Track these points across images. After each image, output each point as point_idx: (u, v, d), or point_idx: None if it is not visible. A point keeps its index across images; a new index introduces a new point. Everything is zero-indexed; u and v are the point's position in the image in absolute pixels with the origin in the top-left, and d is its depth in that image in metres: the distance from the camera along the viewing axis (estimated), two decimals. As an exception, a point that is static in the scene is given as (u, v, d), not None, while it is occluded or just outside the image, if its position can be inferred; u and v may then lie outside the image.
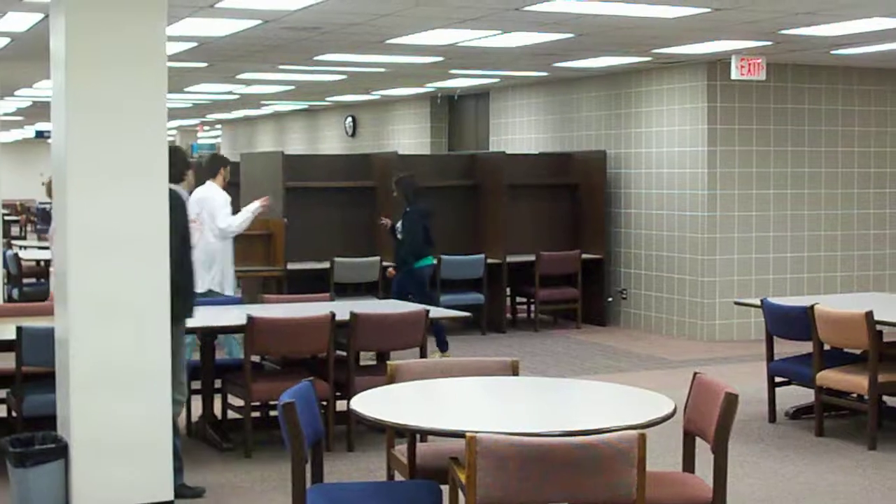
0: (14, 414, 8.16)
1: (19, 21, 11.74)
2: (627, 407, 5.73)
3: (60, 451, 6.85)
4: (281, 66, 16.28)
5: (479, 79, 17.73)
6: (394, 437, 6.36)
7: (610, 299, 15.97)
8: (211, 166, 11.55)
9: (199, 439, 8.98)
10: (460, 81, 18.22)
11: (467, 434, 4.57)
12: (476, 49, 13.50)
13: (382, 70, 16.60)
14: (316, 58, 14.82)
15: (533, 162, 16.49)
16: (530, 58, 14.45)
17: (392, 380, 6.19)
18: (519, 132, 18.42)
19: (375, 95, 21.69)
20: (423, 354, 8.81)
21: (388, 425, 5.55)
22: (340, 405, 8.73)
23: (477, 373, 6.37)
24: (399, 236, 12.82)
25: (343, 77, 17.92)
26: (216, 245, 11.14)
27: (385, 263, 13.91)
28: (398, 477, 6.25)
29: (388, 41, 12.91)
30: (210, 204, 11.11)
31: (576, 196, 16.17)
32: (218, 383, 9.06)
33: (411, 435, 5.93)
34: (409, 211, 12.77)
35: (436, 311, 9.31)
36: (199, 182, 11.00)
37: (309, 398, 5.60)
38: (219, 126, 34.40)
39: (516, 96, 18.52)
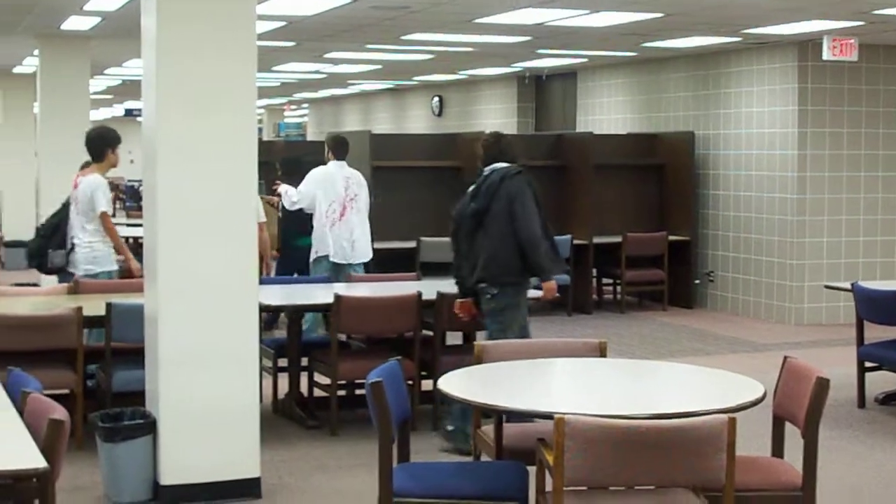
0: (103, 389, 8.25)
1: (110, 0, 11.84)
2: (716, 390, 5.68)
3: (149, 427, 6.92)
4: (368, 46, 16.29)
5: (567, 59, 17.63)
6: (480, 417, 6.35)
7: (697, 281, 15.84)
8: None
9: (286, 417, 9.02)
10: (547, 61, 18.13)
11: (556, 416, 4.55)
12: (564, 28, 13.43)
13: (470, 50, 16.56)
14: (403, 37, 14.81)
15: (620, 142, 16.40)
16: (618, 37, 14.35)
17: (479, 360, 6.17)
18: (606, 112, 18.32)
19: (462, 75, 21.64)
20: (509, 335, 8.78)
21: (476, 405, 5.54)
22: (426, 385, 8.73)
23: (564, 354, 6.35)
24: (280, 215, 12.69)
25: (430, 57, 17.89)
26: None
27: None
28: (484, 457, 6.24)
29: (476, 20, 12.87)
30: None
31: (663, 177, 16.06)
32: (305, 361, 9.09)
33: (498, 415, 5.92)
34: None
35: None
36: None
37: (396, 377, 5.61)
38: (305, 105, 34.51)
39: (603, 76, 18.41)
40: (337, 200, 11.30)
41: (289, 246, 12.55)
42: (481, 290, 8.07)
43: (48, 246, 10.14)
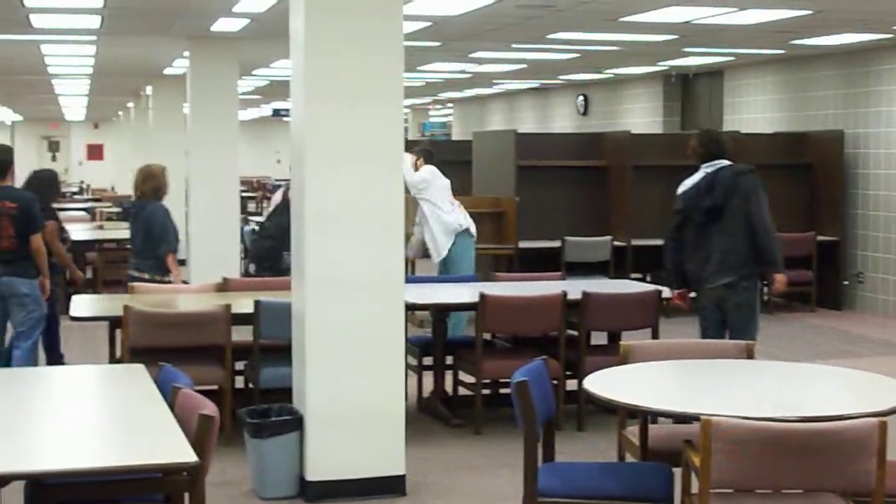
0: (251, 385, 8.36)
1: (259, 2, 11.98)
2: (866, 393, 5.58)
3: (295, 424, 7.00)
4: (514, 45, 16.28)
5: (713, 57, 17.46)
6: (625, 418, 6.32)
7: (846, 283, 15.57)
8: None
9: (430, 415, 9.06)
10: (693, 60, 17.96)
11: (703, 417, 4.51)
12: (711, 26, 13.29)
13: (615, 48, 16.47)
14: (549, 36, 14.78)
15: (767, 142, 16.17)
16: (766, 35, 14.16)
17: (625, 360, 6.14)
18: (753, 111, 18.09)
19: (607, 74, 21.54)
20: (654, 335, 8.73)
21: (621, 406, 5.52)
22: (570, 384, 8.71)
23: (712, 355, 6.29)
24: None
25: (575, 55, 17.83)
26: None
27: (617, 243, 13.84)
28: (629, 458, 6.21)
29: (621, 19, 12.80)
30: None
31: (811, 177, 15.81)
32: (449, 360, 9.11)
33: (643, 417, 5.88)
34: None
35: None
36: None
37: (541, 377, 5.60)
38: (450, 105, 34.61)
39: (750, 75, 18.19)
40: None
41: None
42: (732, 285, 8.41)
43: (281, 248, 10.38)
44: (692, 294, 8.78)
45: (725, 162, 8.57)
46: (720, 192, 8.40)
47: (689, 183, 8.61)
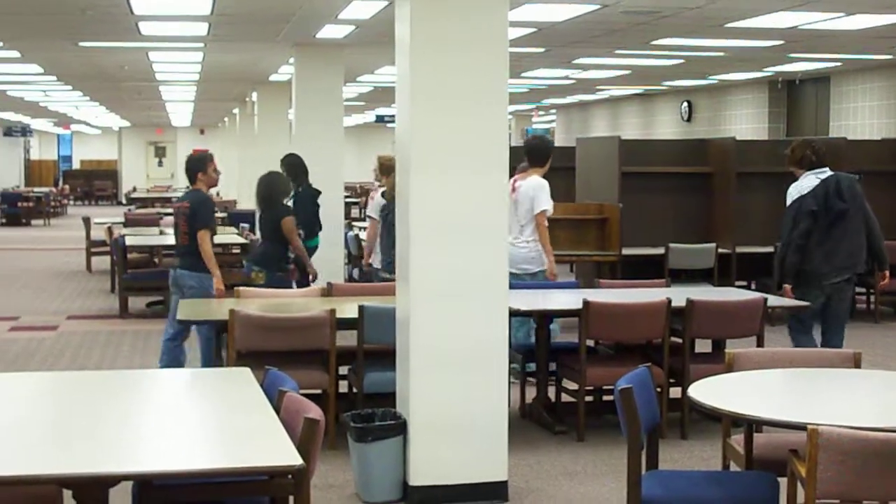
0: (355, 390, 8.41)
1: (364, 8, 12.08)
2: (978, 404, 5.49)
3: (399, 428, 7.02)
4: (617, 51, 16.25)
5: (820, 62, 17.28)
6: (730, 426, 6.27)
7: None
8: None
9: (533, 421, 9.05)
10: (799, 65, 17.81)
11: (809, 426, 4.47)
12: (818, 32, 13.18)
13: (720, 54, 16.39)
14: (653, 42, 14.73)
15: (874, 148, 15.94)
16: (874, 40, 14.01)
17: (730, 368, 6.09)
18: (860, 117, 17.88)
19: (712, 80, 21.43)
20: (759, 343, 8.66)
21: (726, 414, 5.48)
22: (674, 392, 8.66)
23: (818, 364, 6.22)
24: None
25: (680, 62, 17.76)
26: None
27: (721, 250, 13.74)
28: (733, 467, 6.16)
29: (727, 25, 12.74)
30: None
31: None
32: (552, 366, 9.10)
33: (748, 425, 5.84)
34: (301, 191, 12.71)
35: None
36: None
37: (646, 384, 5.58)
38: (553, 111, 34.61)
39: (858, 80, 17.98)
40: None
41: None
42: (850, 280, 9.55)
43: None
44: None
45: (826, 170, 9.52)
46: (849, 195, 9.36)
47: (806, 187, 9.39)
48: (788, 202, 9.47)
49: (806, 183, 9.38)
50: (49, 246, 27.19)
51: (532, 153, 10.70)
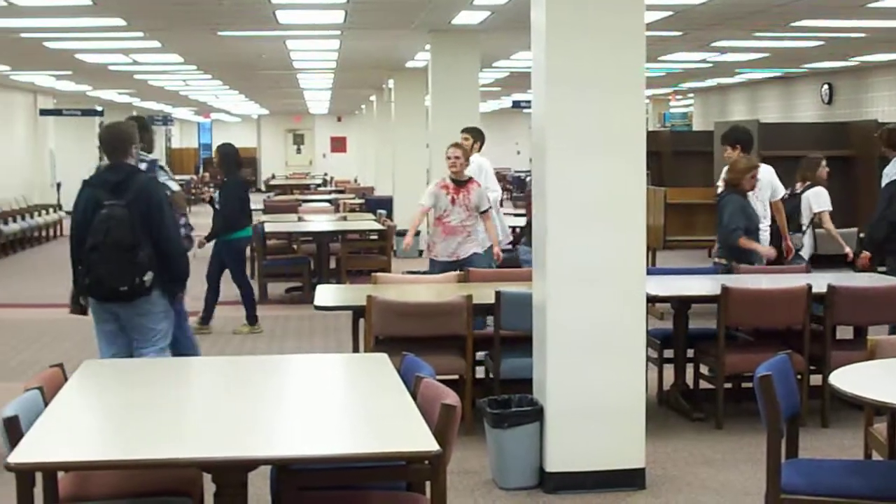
0: (491, 376, 8.41)
1: (501, -6, 12.07)
2: None
3: (536, 415, 7.01)
4: (756, 33, 16.04)
5: (967, 43, 16.91)
6: (872, 415, 6.16)
7: None
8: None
9: (671, 408, 8.98)
10: (946, 46, 17.44)
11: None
12: (965, 11, 12.88)
13: (862, 35, 16.08)
14: (793, 24, 14.51)
15: None
16: None
17: (872, 355, 5.98)
18: None
19: (853, 62, 21.04)
20: (898, 330, 8.50)
21: (868, 403, 5.38)
22: (815, 380, 8.53)
23: (964, 351, 6.08)
24: (217, 206, 12.70)
25: (820, 43, 17.47)
26: None
27: (863, 235, 13.48)
28: (876, 456, 6.05)
29: (869, 5, 12.49)
30: None
31: None
32: (690, 353, 9.02)
33: (892, 414, 5.72)
34: (228, 181, 12.65)
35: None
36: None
37: (786, 372, 5.50)
38: (690, 95, 34.28)
39: None
40: None
41: (220, 238, 12.72)
42: None
43: None
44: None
45: None
46: None
47: None
48: (884, 182, 10.19)
49: None
50: (191, 233, 27.53)
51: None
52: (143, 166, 8.43)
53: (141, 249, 7.49)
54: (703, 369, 9.02)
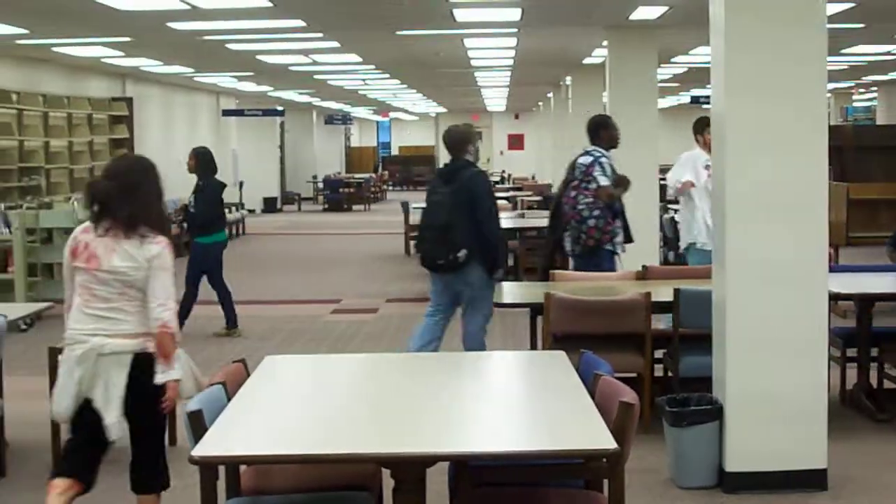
0: (670, 374, 8.35)
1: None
2: None
3: (715, 413, 6.94)
4: (944, 24, 15.66)
5: None
6: None
7: None
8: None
9: (854, 408, 8.81)
10: None
11: None
12: None
13: None
14: (982, 14, 14.13)
15: None
16: None
17: None
18: None
19: None
20: None
21: None
22: None
23: None
24: (192, 210, 12.44)
25: None
26: None
27: None
28: None
29: None
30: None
31: None
32: (874, 352, 8.83)
33: None
34: (204, 184, 12.38)
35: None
36: None
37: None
38: (874, 88, 33.58)
39: None
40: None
41: (196, 242, 12.59)
42: None
43: None
44: None
45: None
46: None
47: None
48: None
49: None
50: (369, 230, 27.94)
51: None
52: (588, 159, 10.77)
53: (456, 230, 8.95)
54: (889, 369, 8.83)
